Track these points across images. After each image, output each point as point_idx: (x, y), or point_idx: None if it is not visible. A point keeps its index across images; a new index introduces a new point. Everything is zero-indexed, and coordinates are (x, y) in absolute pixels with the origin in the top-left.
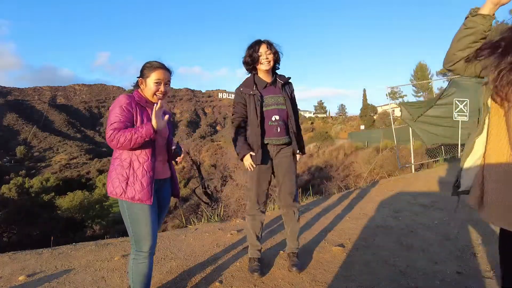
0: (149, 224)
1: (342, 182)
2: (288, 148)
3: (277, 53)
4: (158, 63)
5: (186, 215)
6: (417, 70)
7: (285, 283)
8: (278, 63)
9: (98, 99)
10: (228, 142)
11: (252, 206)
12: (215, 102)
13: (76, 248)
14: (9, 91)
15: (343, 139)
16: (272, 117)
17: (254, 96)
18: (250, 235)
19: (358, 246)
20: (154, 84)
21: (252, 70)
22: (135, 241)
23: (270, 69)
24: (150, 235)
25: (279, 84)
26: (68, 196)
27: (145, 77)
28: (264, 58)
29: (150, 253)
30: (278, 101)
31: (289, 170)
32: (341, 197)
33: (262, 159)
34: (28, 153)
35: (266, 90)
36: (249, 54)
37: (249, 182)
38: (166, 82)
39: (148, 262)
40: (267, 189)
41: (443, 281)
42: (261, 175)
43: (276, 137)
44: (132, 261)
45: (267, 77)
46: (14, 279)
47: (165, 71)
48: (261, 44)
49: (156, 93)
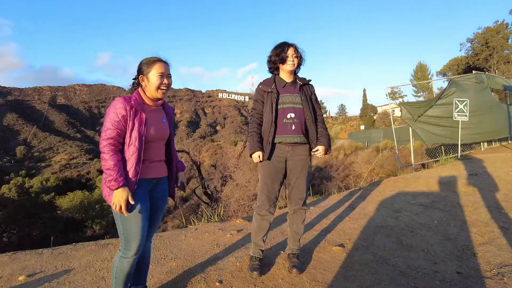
0: (138, 223)
1: (342, 182)
2: (303, 149)
3: (301, 58)
4: (155, 57)
5: (186, 215)
6: (417, 70)
7: (285, 283)
8: (299, 66)
9: (98, 99)
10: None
11: (262, 206)
12: (215, 102)
13: (76, 248)
14: (9, 91)
15: (343, 139)
16: (287, 114)
17: (271, 94)
18: (255, 234)
19: (358, 246)
20: (158, 77)
21: (274, 70)
22: (124, 239)
23: (293, 70)
24: (139, 235)
25: (298, 85)
26: (68, 196)
27: (146, 73)
28: (291, 59)
29: (136, 252)
30: (295, 100)
31: (302, 173)
32: (341, 197)
33: (276, 159)
34: (28, 153)
35: (284, 89)
36: (277, 53)
37: (260, 182)
38: (167, 74)
39: (133, 261)
40: (278, 190)
41: (443, 281)
42: (273, 175)
43: (289, 135)
44: (119, 259)
45: (288, 77)
46: (14, 279)
47: (165, 64)
48: (290, 46)
49: (161, 87)
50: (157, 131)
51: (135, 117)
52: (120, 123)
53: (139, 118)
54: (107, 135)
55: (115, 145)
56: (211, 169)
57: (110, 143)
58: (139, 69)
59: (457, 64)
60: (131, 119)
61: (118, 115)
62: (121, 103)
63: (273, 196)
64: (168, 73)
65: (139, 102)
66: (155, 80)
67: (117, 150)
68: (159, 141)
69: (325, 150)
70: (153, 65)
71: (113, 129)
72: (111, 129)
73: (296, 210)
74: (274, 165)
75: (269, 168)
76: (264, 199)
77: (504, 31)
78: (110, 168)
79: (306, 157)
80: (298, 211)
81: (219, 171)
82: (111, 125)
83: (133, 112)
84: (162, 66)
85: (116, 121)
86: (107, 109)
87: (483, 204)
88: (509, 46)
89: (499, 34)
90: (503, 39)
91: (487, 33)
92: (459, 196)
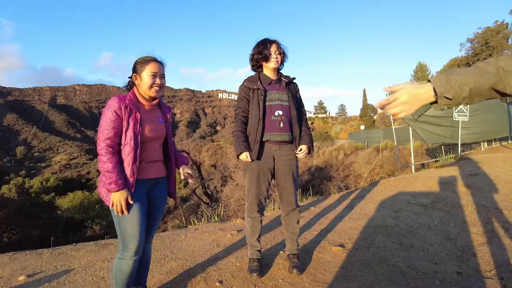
0: (136, 224)
1: (342, 182)
2: (290, 148)
3: (284, 54)
4: (150, 57)
5: (186, 215)
6: (417, 70)
7: (285, 283)
8: (283, 63)
9: (98, 99)
10: (228, 142)
11: (251, 208)
12: (215, 102)
13: (76, 248)
14: (9, 91)
15: (343, 139)
16: (275, 112)
17: (257, 91)
18: (249, 236)
19: (358, 246)
20: (150, 77)
21: (258, 68)
22: (121, 240)
23: (277, 68)
24: (137, 236)
25: (284, 83)
26: (68, 196)
27: (139, 71)
28: (274, 57)
29: (135, 253)
30: (282, 97)
31: (290, 173)
32: (341, 197)
33: (262, 159)
34: (28, 153)
35: (270, 86)
36: (259, 51)
37: (248, 183)
38: (161, 75)
39: (133, 263)
40: (266, 191)
41: (443, 281)
42: (260, 176)
43: (277, 133)
44: (118, 260)
45: (272, 75)
46: (14, 279)
47: (159, 64)
48: (272, 43)
49: (153, 86)
50: (152, 130)
51: (129, 116)
52: (117, 122)
53: (134, 118)
54: (105, 135)
55: (113, 146)
56: (211, 169)
57: (108, 144)
58: (134, 67)
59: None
60: (126, 119)
61: (114, 114)
62: (116, 102)
63: (261, 196)
64: (162, 73)
65: (133, 102)
66: (148, 80)
67: (115, 151)
68: (154, 141)
69: (308, 149)
70: (147, 64)
71: (110, 128)
72: (108, 129)
73: (289, 212)
74: (261, 165)
75: (257, 169)
76: (253, 200)
77: (504, 31)
78: (109, 171)
79: (293, 156)
80: (292, 213)
81: (219, 171)
82: (107, 125)
83: (128, 111)
84: (155, 66)
85: (112, 120)
86: (103, 109)
87: (483, 204)
88: (509, 46)
89: (499, 34)
90: (503, 39)
91: (487, 33)
92: (459, 196)
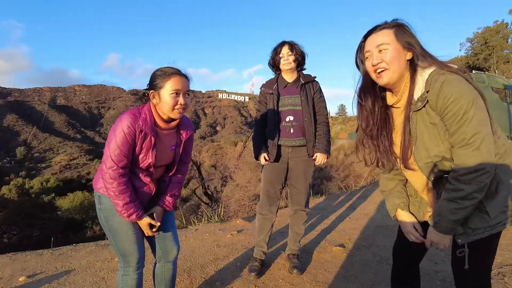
0: (131, 239)
1: (342, 182)
2: (303, 151)
3: (301, 54)
4: (172, 68)
5: (186, 215)
6: None
7: (286, 283)
8: (302, 63)
9: (98, 100)
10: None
11: (263, 206)
12: (215, 102)
13: (76, 249)
14: (9, 92)
15: (343, 139)
16: (286, 117)
17: (272, 96)
18: (257, 233)
19: (359, 246)
20: (171, 96)
21: (276, 70)
22: (120, 255)
23: (293, 69)
24: (136, 248)
25: (299, 84)
26: (68, 197)
27: (158, 88)
28: (285, 59)
29: (138, 266)
30: (295, 102)
31: (302, 174)
32: (341, 197)
33: (277, 159)
34: (28, 154)
35: (285, 90)
36: (272, 56)
37: (262, 182)
38: (185, 92)
39: (138, 276)
40: (279, 191)
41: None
42: (274, 175)
43: (288, 138)
44: (121, 277)
45: (289, 76)
46: (14, 280)
47: (183, 78)
48: (283, 46)
49: (175, 108)
50: (159, 159)
51: (143, 141)
52: (129, 143)
53: (147, 143)
54: (116, 158)
55: (126, 173)
56: (211, 170)
57: (121, 172)
58: (151, 81)
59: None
60: (139, 143)
61: (127, 136)
62: (129, 122)
63: (273, 195)
64: (186, 90)
65: (149, 124)
66: (169, 100)
67: (128, 179)
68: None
69: (324, 157)
70: (168, 79)
71: (122, 156)
72: (119, 151)
73: (297, 211)
74: (277, 166)
75: (272, 169)
76: (264, 198)
77: (504, 31)
78: (127, 203)
79: (306, 158)
80: (299, 212)
81: (219, 171)
82: (117, 147)
83: (142, 135)
84: (178, 81)
85: (124, 142)
86: (113, 126)
87: None
88: (508, 46)
89: (498, 34)
90: (503, 39)
91: (487, 32)
92: None
